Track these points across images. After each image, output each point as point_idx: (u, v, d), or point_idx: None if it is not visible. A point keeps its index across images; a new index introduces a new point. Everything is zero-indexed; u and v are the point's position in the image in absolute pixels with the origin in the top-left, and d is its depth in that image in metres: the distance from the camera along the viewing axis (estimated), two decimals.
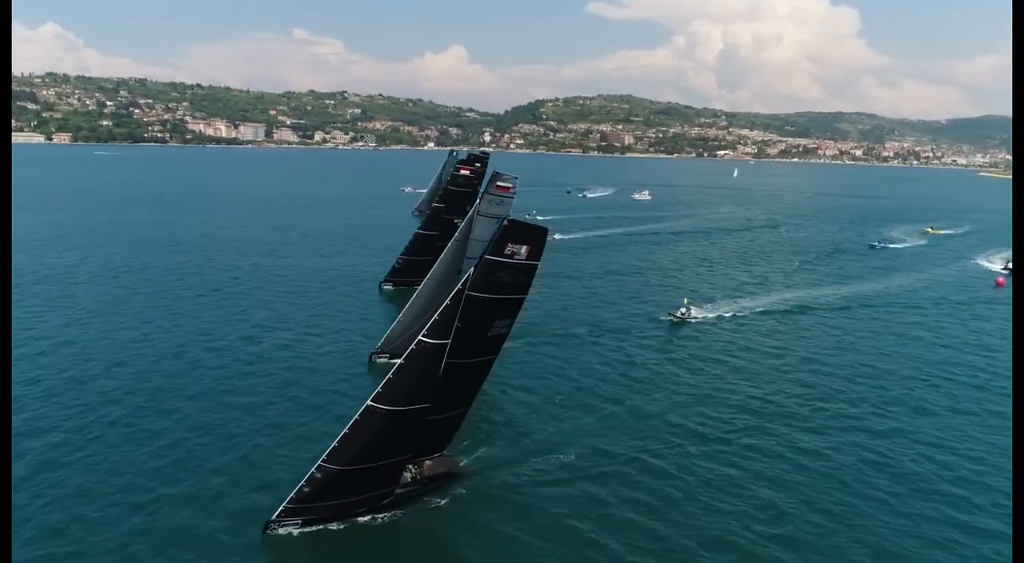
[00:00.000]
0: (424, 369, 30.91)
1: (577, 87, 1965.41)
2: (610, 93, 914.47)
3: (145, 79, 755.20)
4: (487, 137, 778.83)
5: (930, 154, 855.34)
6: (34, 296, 71.66)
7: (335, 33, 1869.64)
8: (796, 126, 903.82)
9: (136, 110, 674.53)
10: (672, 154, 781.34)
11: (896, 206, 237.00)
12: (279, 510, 31.05)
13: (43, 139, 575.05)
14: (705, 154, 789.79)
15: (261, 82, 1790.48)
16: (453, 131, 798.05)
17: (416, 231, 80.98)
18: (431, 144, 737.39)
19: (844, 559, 31.31)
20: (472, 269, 30.44)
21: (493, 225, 29.58)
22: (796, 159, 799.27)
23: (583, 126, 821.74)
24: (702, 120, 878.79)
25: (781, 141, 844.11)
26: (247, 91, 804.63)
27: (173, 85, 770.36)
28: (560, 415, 45.84)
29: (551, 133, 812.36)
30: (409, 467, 34.70)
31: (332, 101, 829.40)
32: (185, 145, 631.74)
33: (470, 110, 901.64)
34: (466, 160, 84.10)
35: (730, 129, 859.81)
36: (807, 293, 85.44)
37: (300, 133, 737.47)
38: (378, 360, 52.97)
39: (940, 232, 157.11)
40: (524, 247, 30.26)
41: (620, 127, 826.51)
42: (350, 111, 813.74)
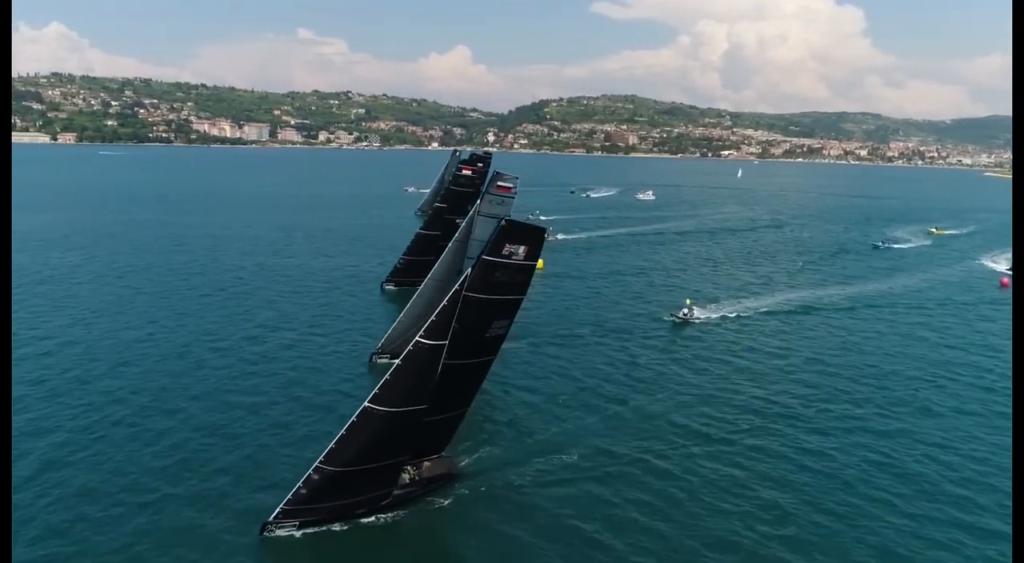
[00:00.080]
0: (422, 370, 30.70)
1: (581, 87, 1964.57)
2: (614, 93, 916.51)
3: (150, 79, 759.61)
4: (491, 137, 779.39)
5: (935, 154, 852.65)
6: (38, 296, 71.65)
7: (340, 33, 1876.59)
8: (801, 126, 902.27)
9: (141, 110, 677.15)
10: (676, 154, 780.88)
11: (900, 206, 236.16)
12: (276, 511, 30.87)
13: (48, 139, 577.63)
14: (709, 154, 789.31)
15: (265, 82, 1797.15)
16: (457, 131, 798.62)
17: (418, 231, 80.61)
18: (435, 144, 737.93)
19: (848, 560, 31.04)
20: (469, 269, 30.25)
21: (494, 225, 29.49)
22: (800, 159, 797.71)
23: (587, 126, 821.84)
24: (706, 120, 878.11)
25: (785, 141, 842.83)
26: (251, 91, 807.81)
27: (178, 85, 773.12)
28: (562, 415, 45.54)
29: (555, 133, 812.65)
30: (408, 468, 34.49)
31: (336, 101, 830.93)
32: (190, 145, 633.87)
33: (474, 110, 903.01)
34: (468, 160, 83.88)
35: (734, 129, 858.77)
36: (811, 293, 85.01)
37: (304, 133, 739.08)
38: (379, 361, 52.71)
39: (944, 232, 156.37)
40: (522, 247, 30.05)
41: (624, 127, 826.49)
42: (354, 111, 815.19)
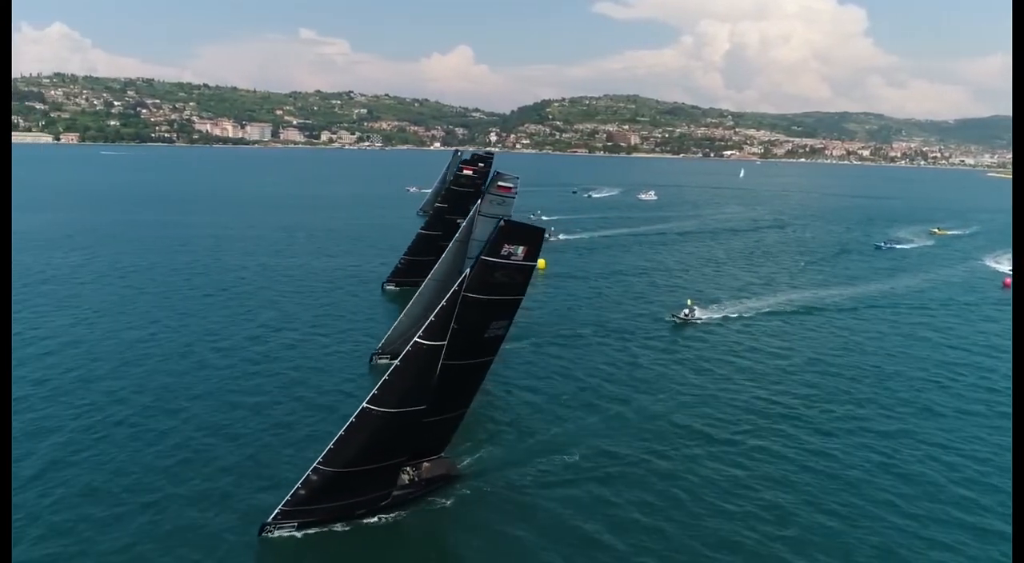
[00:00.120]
0: (420, 371, 30.57)
1: (583, 87, 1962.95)
2: (616, 93, 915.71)
3: (152, 79, 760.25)
4: (493, 137, 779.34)
5: (938, 154, 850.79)
6: (41, 296, 71.70)
7: (342, 33, 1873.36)
8: (803, 126, 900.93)
9: (143, 110, 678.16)
10: (678, 154, 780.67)
11: (903, 206, 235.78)
12: (275, 512, 30.75)
13: (51, 139, 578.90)
14: (711, 154, 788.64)
15: (268, 82, 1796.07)
16: (459, 131, 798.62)
17: (419, 231, 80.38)
18: (437, 144, 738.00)
19: (851, 560, 30.92)
20: (468, 270, 30.11)
21: (494, 225, 29.47)
22: (803, 159, 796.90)
23: (589, 126, 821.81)
24: (708, 120, 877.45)
25: (788, 141, 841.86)
26: (254, 91, 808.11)
27: (180, 85, 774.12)
28: (564, 415, 45.41)
29: (557, 133, 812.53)
30: (407, 469, 34.37)
31: (338, 101, 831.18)
32: (192, 145, 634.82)
33: (476, 110, 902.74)
34: (469, 160, 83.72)
35: (737, 129, 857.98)
36: (813, 294, 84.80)
37: (306, 133, 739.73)
38: (379, 361, 52.49)
39: (947, 233, 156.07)
40: (521, 248, 29.91)
41: (626, 127, 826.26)
42: (356, 111, 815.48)
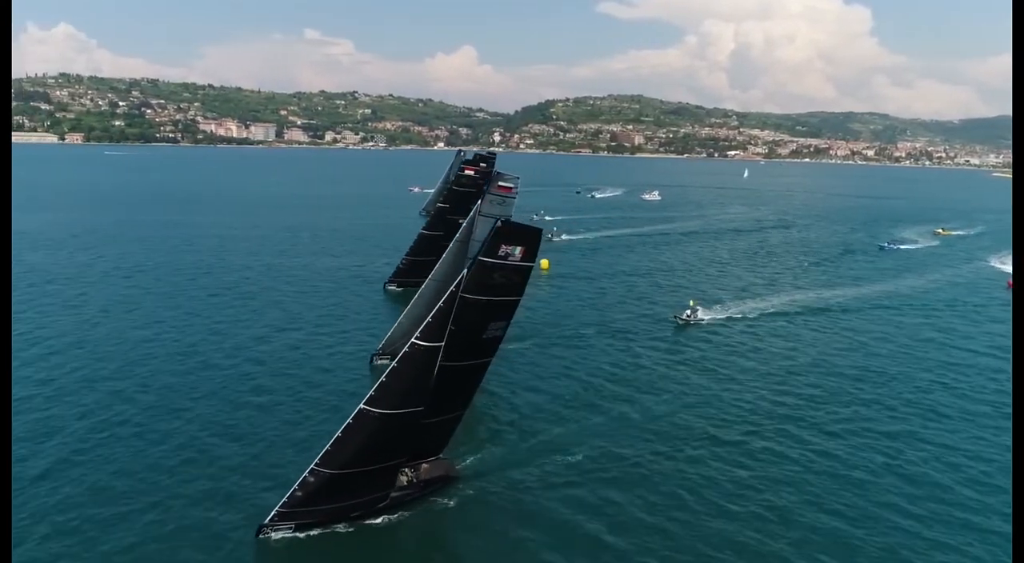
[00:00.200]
0: (417, 372, 30.41)
1: (587, 87, 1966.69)
2: (620, 93, 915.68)
3: (157, 80, 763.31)
4: (497, 137, 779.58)
5: (943, 154, 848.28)
6: (46, 295, 71.80)
7: (346, 33, 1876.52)
8: (808, 126, 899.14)
9: (148, 110, 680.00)
10: (682, 154, 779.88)
11: (907, 207, 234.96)
12: (272, 514, 30.61)
13: (56, 139, 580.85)
14: (716, 154, 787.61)
15: (272, 82, 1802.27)
16: (463, 131, 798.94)
17: (420, 231, 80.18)
18: (441, 144, 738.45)
19: (855, 561, 30.81)
20: (465, 270, 29.96)
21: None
22: (807, 159, 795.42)
23: (593, 126, 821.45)
24: (713, 120, 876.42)
25: (792, 141, 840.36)
26: (258, 91, 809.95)
27: (185, 85, 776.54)
28: (566, 416, 45.23)
29: (561, 133, 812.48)
30: (405, 470, 34.20)
31: (343, 101, 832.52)
32: (196, 145, 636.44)
33: (480, 110, 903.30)
34: (471, 160, 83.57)
35: (741, 129, 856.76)
36: (816, 294, 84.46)
37: (311, 133, 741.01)
38: (379, 362, 52.29)
39: (951, 233, 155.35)
40: (518, 248, 29.70)
41: (630, 127, 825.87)
42: (360, 111, 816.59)
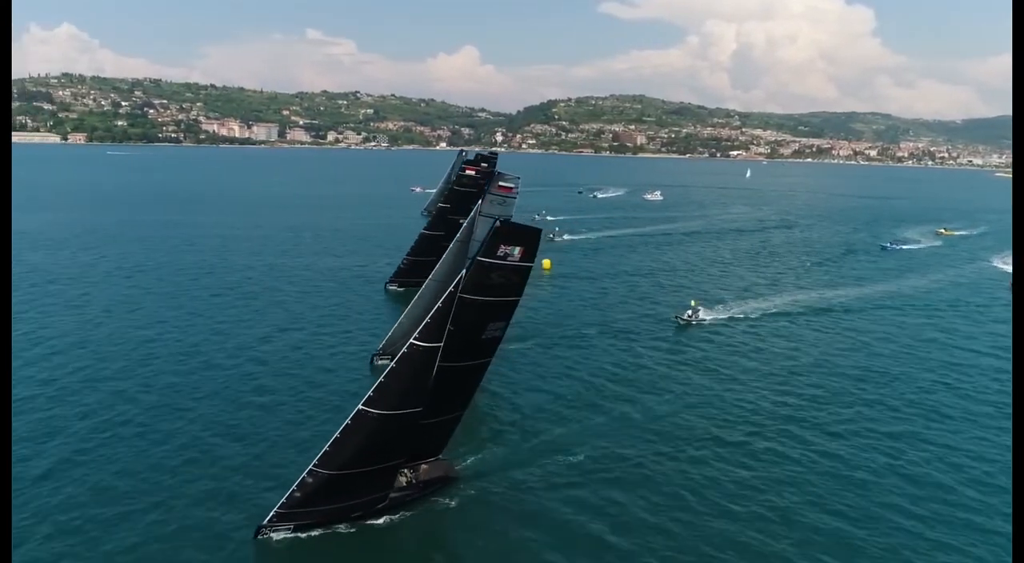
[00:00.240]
0: (416, 372, 30.29)
1: (589, 87, 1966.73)
2: (622, 93, 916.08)
3: (160, 80, 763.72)
4: (499, 137, 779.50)
5: (945, 154, 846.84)
6: (49, 295, 71.82)
7: (348, 33, 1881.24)
8: (810, 126, 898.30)
9: (151, 110, 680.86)
10: (684, 154, 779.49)
11: (910, 207, 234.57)
12: (270, 515, 30.51)
13: (59, 139, 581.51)
14: (718, 154, 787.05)
15: (275, 82, 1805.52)
16: (465, 131, 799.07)
17: (421, 231, 79.98)
18: (443, 144, 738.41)
19: (857, 561, 30.75)
20: (464, 271, 29.83)
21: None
22: (810, 159, 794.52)
23: (595, 126, 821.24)
24: (715, 120, 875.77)
25: (794, 141, 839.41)
26: (260, 91, 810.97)
27: (187, 85, 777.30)
28: (568, 416, 45.14)
29: (563, 133, 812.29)
30: (404, 471, 34.10)
31: (345, 101, 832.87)
32: (199, 145, 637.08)
33: (482, 110, 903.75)
34: (472, 160, 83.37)
35: (743, 129, 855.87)
36: (818, 294, 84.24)
37: (313, 133, 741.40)
38: (379, 362, 52.13)
39: (954, 233, 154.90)
40: (517, 248, 29.56)
41: (632, 127, 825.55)
42: (363, 111, 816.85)
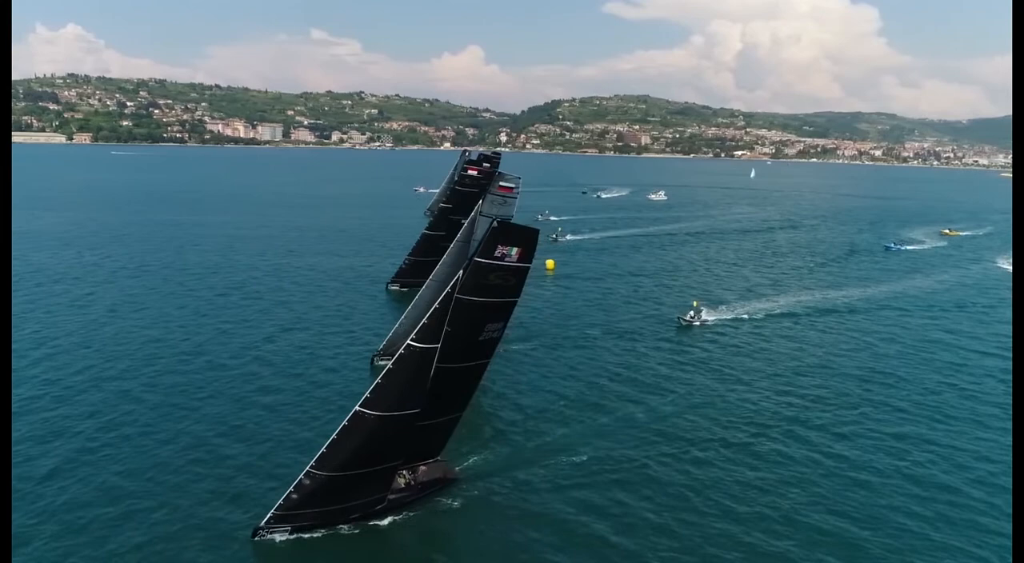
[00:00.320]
0: (413, 374, 30.08)
1: (593, 87, 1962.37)
2: (627, 93, 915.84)
3: (165, 80, 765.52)
4: (503, 137, 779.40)
5: (951, 155, 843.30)
6: (54, 295, 71.91)
7: (353, 33, 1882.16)
8: (815, 126, 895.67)
9: (155, 111, 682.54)
10: (689, 154, 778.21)
11: (915, 207, 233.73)
12: (268, 516, 30.38)
13: (64, 139, 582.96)
14: (722, 154, 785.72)
15: (279, 82, 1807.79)
16: (469, 131, 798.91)
17: (423, 232, 79.82)
18: (447, 144, 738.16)
19: (863, 562, 30.65)
20: (461, 272, 29.67)
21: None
22: (815, 159, 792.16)
23: (599, 126, 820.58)
24: (719, 120, 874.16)
25: (799, 141, 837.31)
26: (265, 92, 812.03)
27: (192, 86, 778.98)
28: (571, 416, 44.96)
29: (567, 133, 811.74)
30: (403, 473, 33.97)
31: (349, 101, 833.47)
32: (203, 145, 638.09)
33: (486, 110, 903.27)
34: (475, 160, 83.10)
35: (748, 129, 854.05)
36: (823, 295, 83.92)
37: (317, 133, 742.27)
38: (379, 363, 51.99)
39: (958, 234, 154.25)
40: (515, 249, 29.38)
41: (637, 127, 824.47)
42: (367, 111, 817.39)
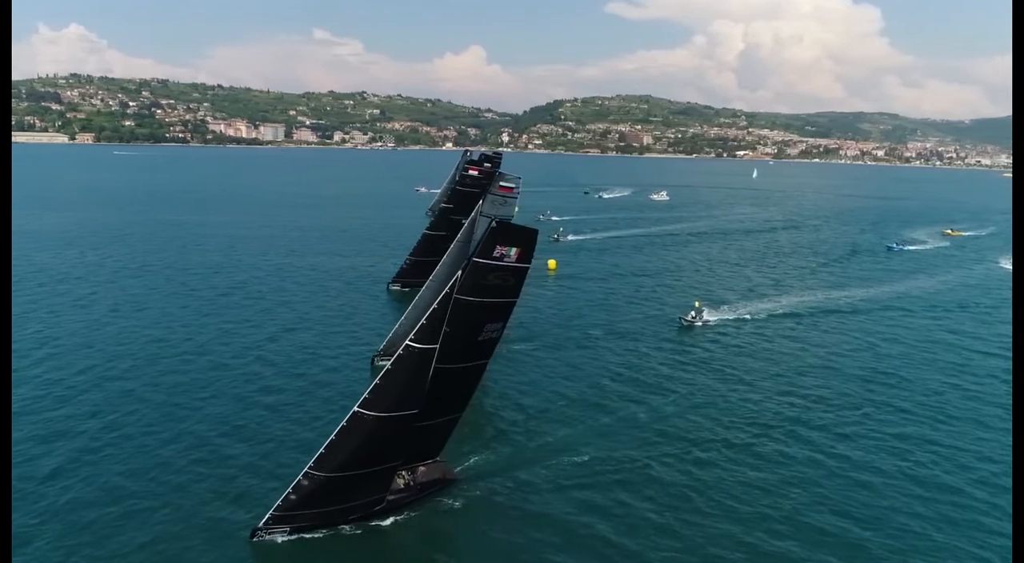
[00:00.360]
0: (412, 374, 29.99)
1: (596, 87, 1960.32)
2: (629, 93, 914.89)
3: (167, 80, 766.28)
4: (505, 137, 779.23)
5: (953, 155, 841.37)
6: (57, 295, 71.97)
7: (355, 33, 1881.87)
8: (817, 126, 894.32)
9: (158, 111, 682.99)
10: (691, 154, 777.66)
11: (918, 207, 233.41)
12: (266, 517, 30.32)
13: (67, 139, 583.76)
14: (724, 154, 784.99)
15: (281, 82, 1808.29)
16: (471, 131, 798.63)
17: (424, 232, 79.85)
18: (449, 144, 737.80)
19: (863, 561, 30.60)
20: (460, 272, 29.58)
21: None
22: (817, 160, 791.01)
23: (602, 126, 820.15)
24: (721, 120, 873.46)
25: (801, 141, 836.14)
26: (267, 92, 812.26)
27: (194, 86, 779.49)
28: (572, 417, 44.89)
29: (569, 133, 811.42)
30: (402, 473, 33.91)
31: (351, 101, 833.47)
32: (205, 145, 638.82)
33: (488, 110, 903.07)
34: (476, 160, 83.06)
35: (750, 129, 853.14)
36: (825, 295, 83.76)
37: (319, 133, 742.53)
38: (379, 363, 51.94)
39: (960, 234, 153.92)
40: (514, 249, 29.29)
41: (639, 127, 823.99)
42: (369, 111, 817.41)
